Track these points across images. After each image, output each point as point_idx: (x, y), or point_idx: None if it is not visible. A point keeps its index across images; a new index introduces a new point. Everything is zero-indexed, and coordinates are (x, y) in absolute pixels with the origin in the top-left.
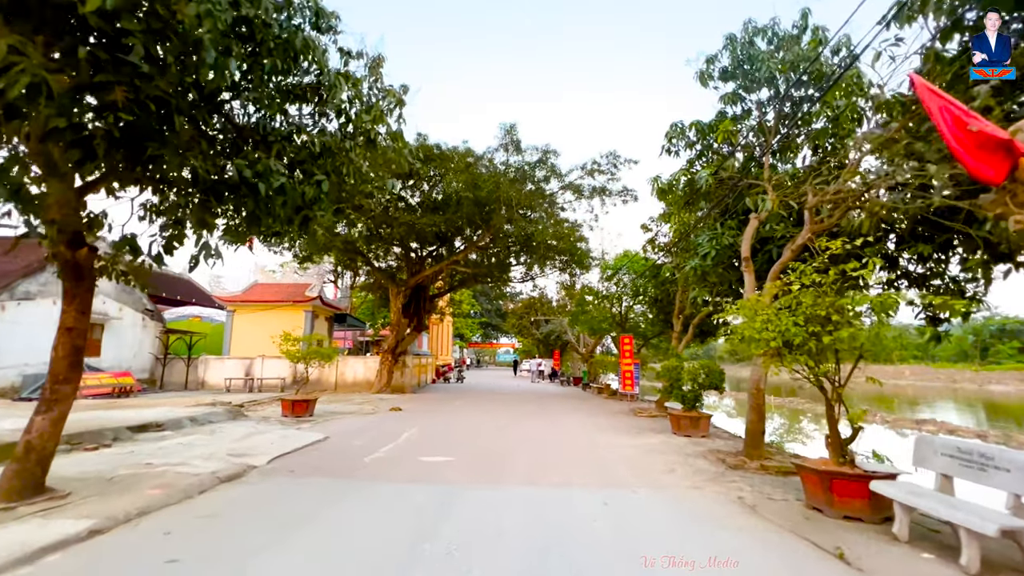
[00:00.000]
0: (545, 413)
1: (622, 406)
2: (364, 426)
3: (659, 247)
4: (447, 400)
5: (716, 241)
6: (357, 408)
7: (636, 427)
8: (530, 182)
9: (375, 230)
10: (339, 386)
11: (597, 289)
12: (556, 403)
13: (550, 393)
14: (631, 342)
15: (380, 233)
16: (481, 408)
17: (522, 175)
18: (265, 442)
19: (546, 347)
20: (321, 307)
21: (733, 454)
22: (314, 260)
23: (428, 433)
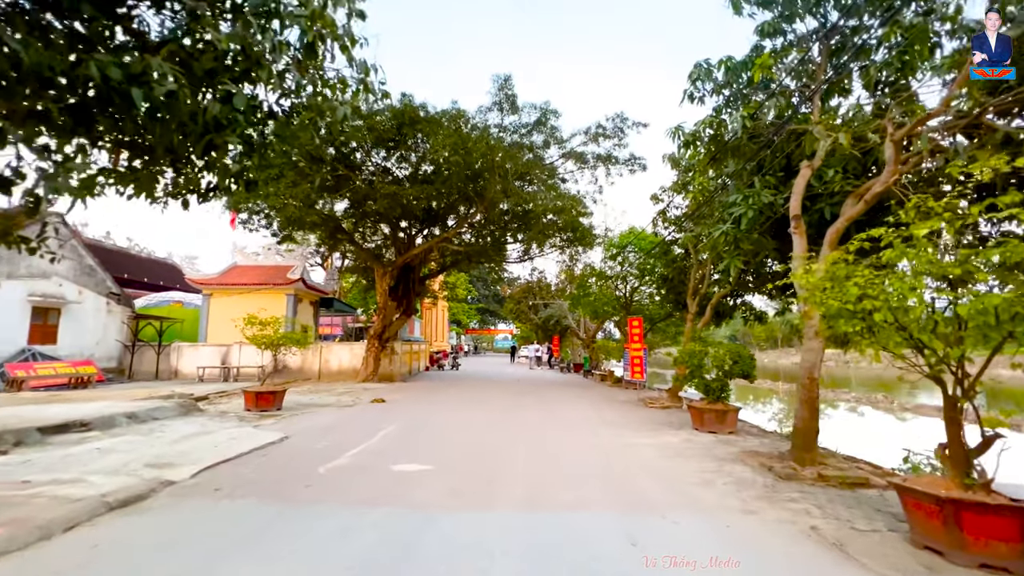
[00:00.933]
0: (544, 404)
1: (629, 395)
2: (336, 422)
3: (671, 220)
4: (438, 390)
5: (752, 200)
6: (335, 399)
7: (650, 421)
8: (527, 150)
9: (356, 203)
10: (323, 375)
11: (600, 269)
12: (556, 392)
13: (549, 381)
14: (640, 325)
15: (363, 208)
16: (474, 398)
17: (518, 141)
18: (207, 445)
19: (545, 332)
20: (304, 290)
21: (777, 458)
22: (295, 240)
23: (409, 431)
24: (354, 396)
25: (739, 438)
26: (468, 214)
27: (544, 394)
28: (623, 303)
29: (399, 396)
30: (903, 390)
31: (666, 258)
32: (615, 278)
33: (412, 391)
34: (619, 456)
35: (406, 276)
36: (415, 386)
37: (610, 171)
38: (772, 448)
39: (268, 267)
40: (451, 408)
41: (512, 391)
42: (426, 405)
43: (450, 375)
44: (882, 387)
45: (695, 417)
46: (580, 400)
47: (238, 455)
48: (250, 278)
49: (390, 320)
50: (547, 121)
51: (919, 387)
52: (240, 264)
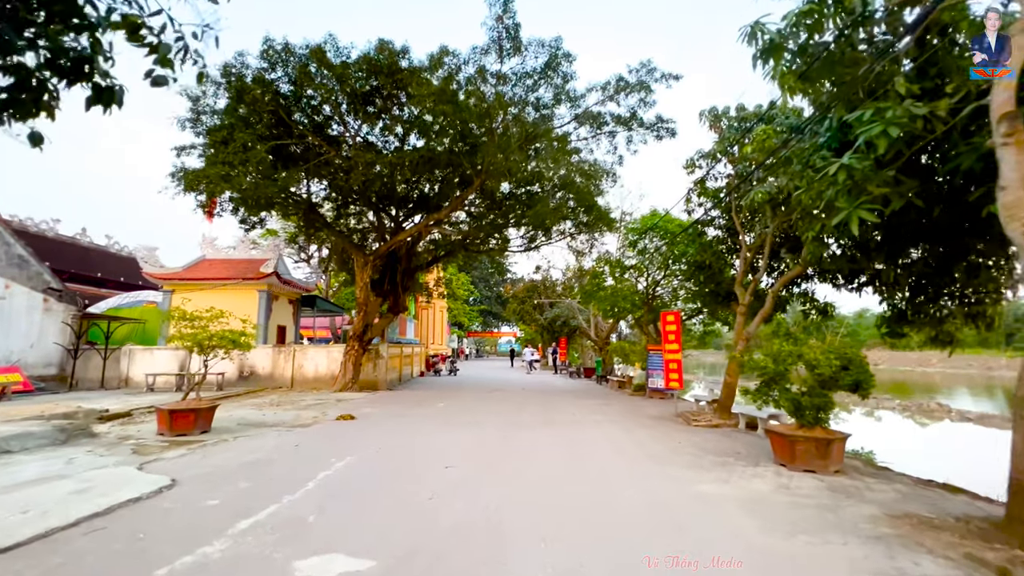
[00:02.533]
0: (557, 421)
1: (659, 408)
2: (272, 453)
3: (710, 192)
4: (426, 401)
5: (894, 114)
6: (294, 416)
7: (706, 449)
8: (532, 108)
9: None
10: (297, 382)
11: (617, 259)
12: (569, 403)
13: (558, 388)
14: (677, 321)
15: (336, 182)
16: (466, 414)
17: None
18: (26, 503)
19: (551, 334)
20: (280, 287)
21: (977, 535)
22: (263, 226)
23: (365, 471)
24: (320, 410)
25: (855, 482)
26: (462, 192)
27: (555, 406)
28: (644, 298)
29: (376, 410)
30: (941, 393)
31: (700, 242)
32: (637, 267)
33: (395, 403)
34: (694, 525)
35: (393, 268)
36: (401, 396)
37: (632, 138)
38: (935, 507)
39: (240, 261)
40: (436, 428)
41: (515, 402)
42: (405, 424)
43: (446, 382)
44: (900, 391)
45: (780, 448)
46: (602, 415)
47: (46, 532)
48: (218, 272)
49: (373, 318)
50: (558, 66)
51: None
52: (209, 258)
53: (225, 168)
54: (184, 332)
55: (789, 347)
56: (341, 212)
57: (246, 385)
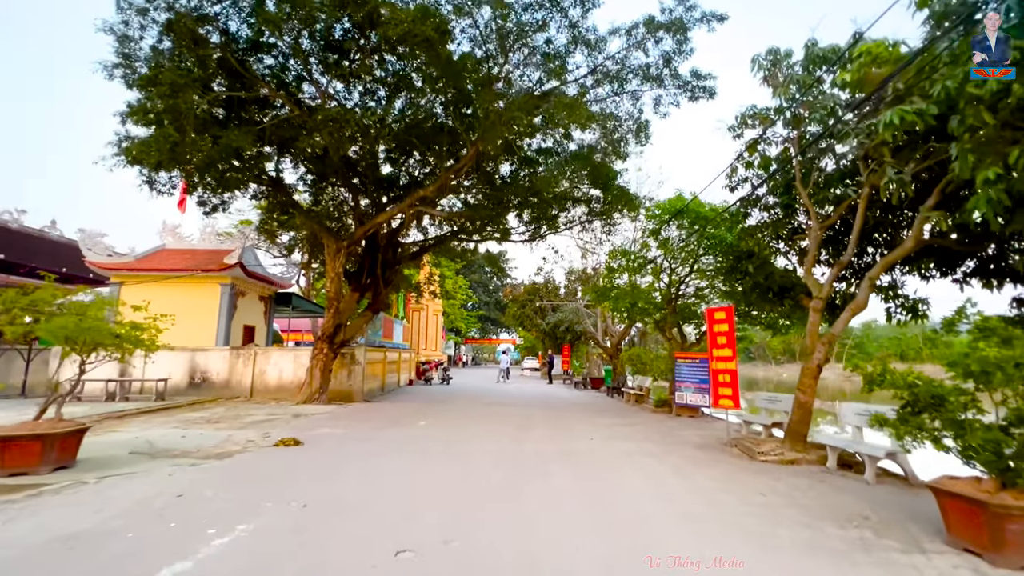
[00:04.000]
0: (574, 455)
1: (699, 431)
2: (114, 517)
3: (766, 162)
4: (405, 418)
5: None
6: (222, 439)
7: (812, 513)
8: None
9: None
10: (256, 391)
11: (638, 252)
12: (582, 423)
13: (565, 402)
14: (730, 318)
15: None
16: (452, 438)
17: (522, 25)
18: None
19: (554, 340)
20: (247, 281)
21: None
22: (244, 222)
23: (237, 573)
24: (264, 429)
25: None
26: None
27: (567, 427)
28: (668, 297)
29: (338, 430)
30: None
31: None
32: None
33: (367, 420)
34: None
35: (372, 257)
36: (378, 410)
37: (661, 98)
38: None
39: (204, 252)
40: (406, 464)
41: (515, 421)
42: (366, 456)
43: (437, 392)
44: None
45: (966, 521)
46: (631, 442)
47: None
48: (176, 264)
49: (348, 317)
50: None
51: None
52: (170, 248)
53: (166, 131)
54: (55, 326)
55: (1005, 352)
56: (316, 193)
57: (197, 394)
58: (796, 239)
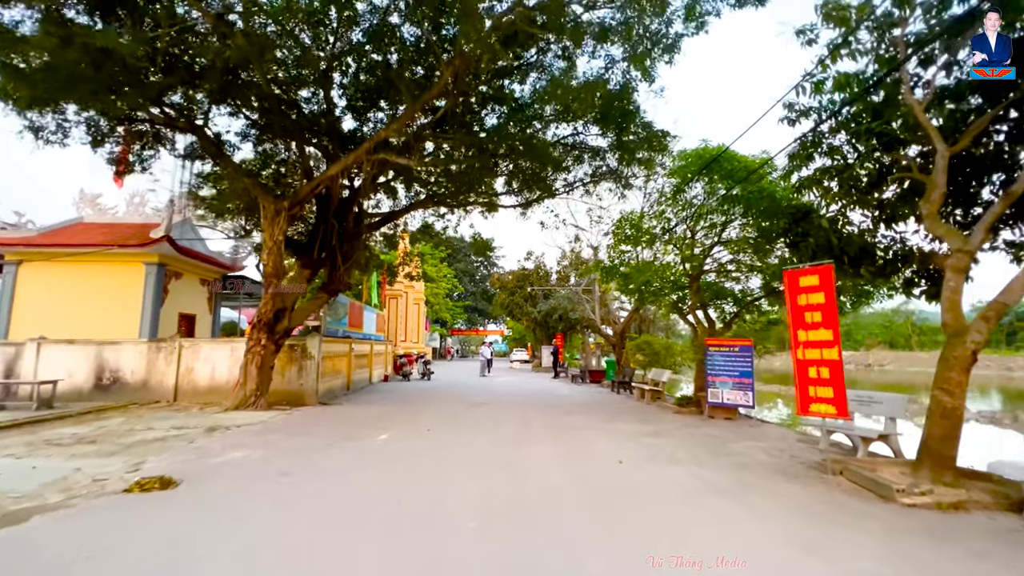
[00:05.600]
0: (601, 497)
1: (761, 446)
2: None
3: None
4: (363, 427)
5: None
6: (57, 477)
7: None
8: None
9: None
10: (183, 393)
11: (656, 212)
12: (597, 433)
13: (567, 401)
14: (828, 282)
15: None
16: (415, 471)
17: None
18: None
19: (545, 330)
20: (180, 259)
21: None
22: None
23: None
24: (141, 457)
25: None
26: (424, 95)
27: (576, 441)
28: (693, 273)
29: (256, 454)
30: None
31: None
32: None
33: (306, 434)
34: None
35: (327, 225)
36: (331, 416)
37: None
38: None
39: (126, 225)
40: (326, 539)
41: (506, 431)
42: (261, 518)
43: (414, 390)
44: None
45: None
46: (678, 467)
47: None
48: (92, 239)
49: (295, 299)
50: None
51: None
52: (88, 221)
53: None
54: None
55: None
56: (258, 146)
57: (104, 397)
58: (883, 186)
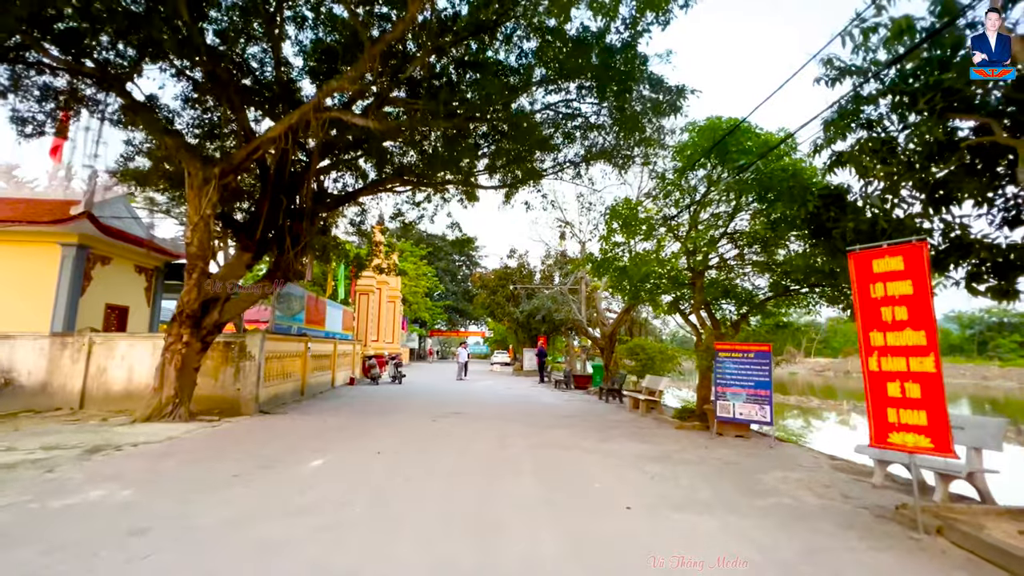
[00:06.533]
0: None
1: (800, 478)
2: None
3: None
4: (293, 453)
5: None
6: None
7: None
8: None
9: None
10: (91, 400)
11: (660, 193)
12: (591, 461)
13: (551, 412)
14: (916, 264)
15: None
16: (343, 531)
17: None
18: None
19: (527, 332)
20: (108, 242)
21: None
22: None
23: None
24: None
25: None
26: (385, 36)
27: (566, 472)
28: (697, 267)
29: (123, 493)
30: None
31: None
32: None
33: (216, 459)
34: None
35: (275, 202)
36: (264, 432)
37: None
38: None
39: (44, 201)
40: None
41: (478, 454)
42: None
43: (380, 395)
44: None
45: None
46: (709, 522)
47: None
48: (3, 216)
49: (230, 288)
50: None
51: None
52: (1, 196)
53: None
54: None
55: None
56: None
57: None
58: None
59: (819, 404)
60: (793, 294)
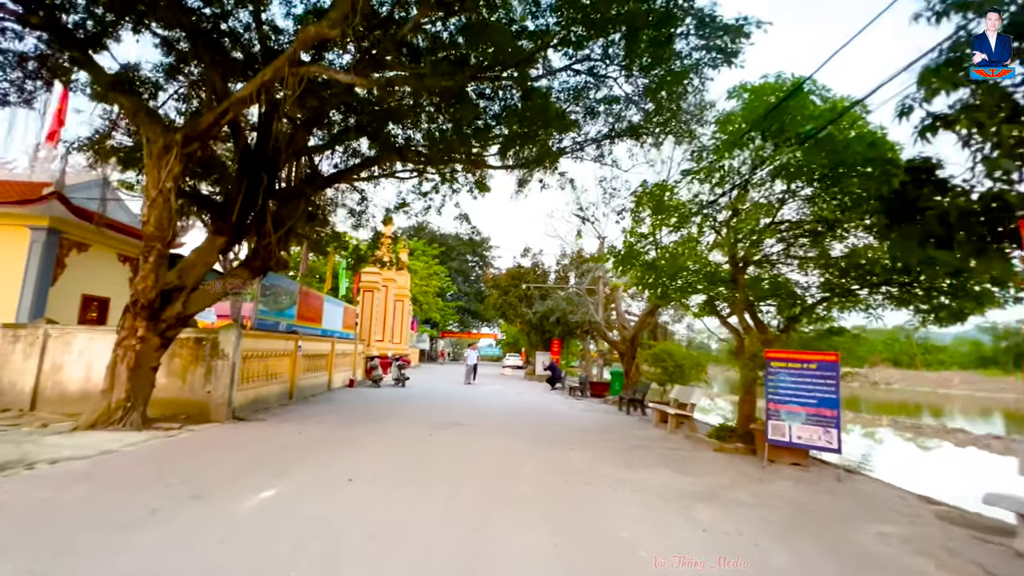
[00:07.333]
0: None
1: (902, 533)
2: None
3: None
4: (245, 473)
5: None
6: None
7: None
8: None
9: None
10: (45, 400)
11: (701, 171)
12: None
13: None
14: None
15: None
16: None
17: None
18: None
19: (540, 334)
20: (80, 225)
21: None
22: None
23: None
24: None
25: None
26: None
27: (587, 522)
28: (740, 260)
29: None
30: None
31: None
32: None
33: (143, 484)
34: None
35: (253, 180)
36: (226, 443)
37: None
38: None
39: (21, 183)
40: None
41: (473, 485)
42: None
43: (378, 400)
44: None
45: None
46: None
47: None
48: None
49: (198, 275)
50: None
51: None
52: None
53: None
54: None
55: None
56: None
57: None
58: None
59: (852, 417)
60: (852, 296)
